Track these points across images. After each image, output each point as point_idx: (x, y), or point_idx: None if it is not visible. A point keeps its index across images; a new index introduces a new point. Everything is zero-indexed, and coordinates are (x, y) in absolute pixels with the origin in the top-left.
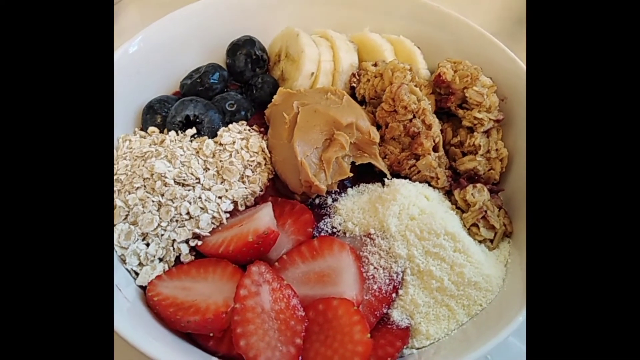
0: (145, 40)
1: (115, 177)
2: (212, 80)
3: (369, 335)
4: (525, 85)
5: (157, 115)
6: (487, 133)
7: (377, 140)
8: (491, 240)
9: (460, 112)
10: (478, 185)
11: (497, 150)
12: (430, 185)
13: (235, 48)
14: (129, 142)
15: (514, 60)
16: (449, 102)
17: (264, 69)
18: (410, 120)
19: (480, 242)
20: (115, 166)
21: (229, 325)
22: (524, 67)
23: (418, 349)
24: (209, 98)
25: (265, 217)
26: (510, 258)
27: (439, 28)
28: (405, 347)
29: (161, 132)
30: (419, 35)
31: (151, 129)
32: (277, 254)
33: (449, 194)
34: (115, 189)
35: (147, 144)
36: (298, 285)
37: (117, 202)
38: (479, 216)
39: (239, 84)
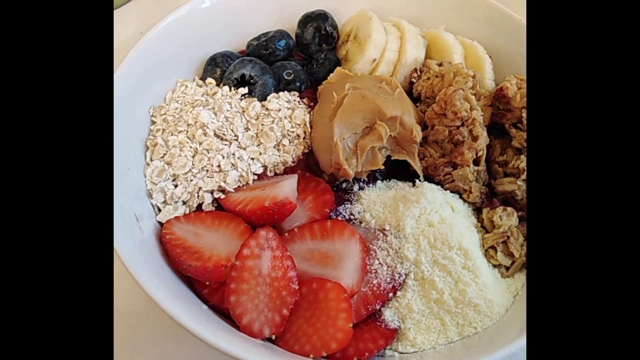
0: None
1: (163, 117)
2: (276, 46)
3: (351, 325)
4: None
5: (217, 68)
6: None
7: (419, 139)
8: (507, 268)
9: (513, 131)
10: (509, 209)
11: None
12: (461, 197)
13: (306, 20)
14: (185, 87)
15: None
16: (504, 119)
17: (332, 45)
18: (458, 127)
19: (495, 266)
20: (166, 106)
21: (225, 278)
22: None
23: (401, 353)
24: (270, 63)
25: (287, 187)
26: (522, 290)
27: (514, 40)
28: (387, 347)
29: (218, 85)
30: (494, 44)
31: (209, 80)
32: (290, 225)
33: (478, 211)
34: (160, 127)
35: (200, 93)
36: (300, 260)
37: (159, 140)
38: (499, 240)
39: (304, 56)
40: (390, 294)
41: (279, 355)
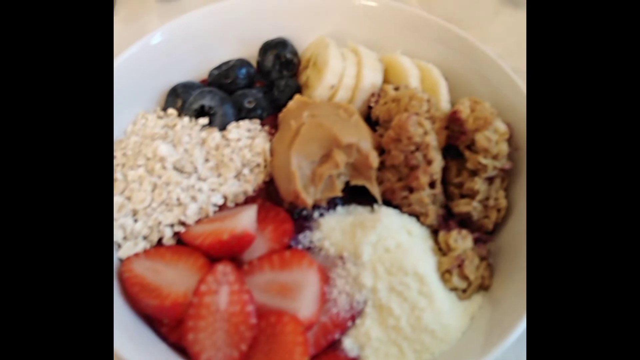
0: (180, 26)
1: (123, 152)
2: (237, 75)
3: (307, 358)
4: None
5: (178, 98)
6: (490, 180)
7: (375, 165)
8: (463, 291)
9: (467, 153)
10: (463, 231)
11: (496, 199)
12: (418, 220)
13: (266, 47)
14: (146, 120)
15: None
16: (458, 141)
17: (293, 72)
18: (413, 152)
19: (452, 289)
20: (126, 140)
21: (183, 316)
22: None
23: None
24: (231, 91)
25: (245, 219)
26: (479, 312)
27: (470, 65)
28: None
29: (179, 115)
30: (450, 67)
31: (170, 111)
32: (251, 256)
33: (437, 233)
34: (120, 162)
35: (160, 125)
36: (260, 292)
37: (119, 174)
38: (454, 263)
39: (266, 82)
40: (350, 323)
41: None
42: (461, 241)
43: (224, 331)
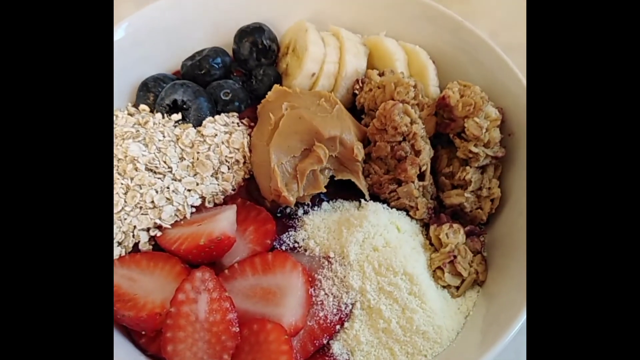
0: (150, 15)
1: None
2: (212, 65)
3: None
4: None
5: (150, 93)
6: (482, 169)
7: (361, 158)
8: (457, 287)
9: (457, 141)
10: (455, 225)
11: (489, 189)
12: (408, 214)
13: (242, 34)
14: (116, 117)
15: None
16: (448, 129)
17: (272, 59)
18: (399, 142)
19: (444, 287)
20: None
21: (161, 327)
22: None
23: None
24: (206, 83)
25: (223, 221)
26: (473, 310)
27: (458, 45)
28: None
29: (151, 111)
30: (438, 48)
31: (142, 107)
32: (231, 260)
33: (427, 226)
34: None
35: (131, 123)
36: (242, 298)
37: None
38: (446, 260)
39: (244, 71)
40: (338, 326)
41: None
42: (452, 236)
43: (205, 341)
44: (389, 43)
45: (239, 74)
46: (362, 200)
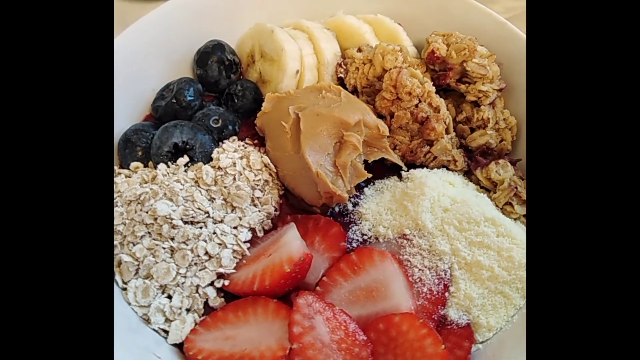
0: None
1: (114, 228)
2: (189, 98)
3: (443, 346)
4: (521, 48)
5: (136, 147)
6: (491, 104)
7: (387, 132)
8: (524, 215)
9: (463, 87)
10: (501, 161)
11: (505, 120)
12: (448, 169)
13: (204, 56)
14: (115, 185)
15: (504, 24)
16: (447, 79)
17: (238, 74)
18: (416, 105)
19: (515, 219)
20: None
21: None
22: (516, 30)
23: (482, 342)
24: (188, 117)
25: (294, 241)
26: None
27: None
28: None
29: (145, 166)
30: (398, 11)
31: (134, 164)
32: (315, 277)
33: (467, 174)
34: (115, 242)
35: (136, 184)
36: (347, 306)
37: (123, 257)
38: (511, 194)
39: (214, 95)
40: (446, 294)
41: None
42: (502, 171)
43: None
44: (351, 20)
45: (210, 100)
46: (403, 173)
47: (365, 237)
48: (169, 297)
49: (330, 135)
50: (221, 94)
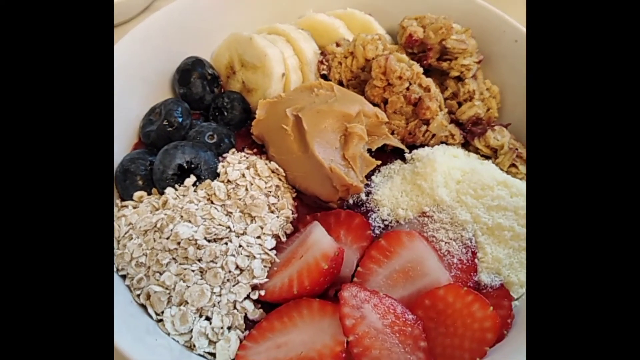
0: None
1: (133, 263)
2: (179, 118)
3: (491, 308)
4: (489, 18)
5: (136, 177)
6: (474, 77)
7: (386, 119)
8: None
9: (445, 64)
10: (496, 127)
11: (488, 89)
12: (447, 144)
13: (186, 74)
14: (124, 218)
15: None
16: (428, 59)
17: (220, 87)
18: (408, 88)
19: (521, 179)
20: (122, 250)
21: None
22: (481, 2)
23: (518, 299)
24: (182, 138)
25: (324, 237)
26: None
27: None
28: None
29: (149, 194)
30: (364, 2)
31: (137, 194)
32: (350, 269)
33: (463, 146)
34: (140, 275)
35: (147, 212)
36: (387, 291)
37: (152, 288)
38: (513, 156)
39: (200, 112)
40: (475, 261)
41: None
42: (500, 137)
43: (397, 343)
44: (322, 17)
45: (196, 117)
46: (406, 155)
47: (386, 222)
48: (208, 318)
49: (334, 129)
50: (206, 110)
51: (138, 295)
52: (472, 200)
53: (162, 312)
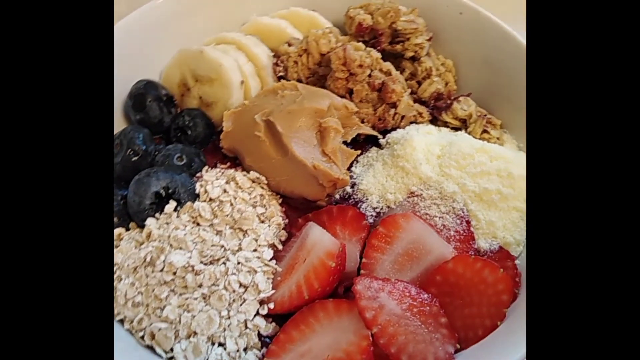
0: None
1: (130, 303)
2: (143, 146)
3: (501, 270)
4: None
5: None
6: (427, 54)
7: (355, 109)
8: (497, 138)
9: (399, 47)
10: (461, 98)
11: (442, 64)
12: (417, 124)
13: (140, 98)
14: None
15: None
16: (381, 44)
17: (176, 107)
18: (369, 75)
19: (494, 142)
20: (121, 290)
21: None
22: None
23: (518, 257)
24: (149, 165)
25: (323, 236)
26: (520, 144)
27: None
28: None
29: (127, 229)
30: (305, 0)
31: (116, 232)
32: (354, 262)
33: (431, 122)
34: (139, 315)
35: (132, 249)
36: (396, 276)
37: (156, 326)
38: (483, 122)
39: (159, 136)
40: (471, 229)
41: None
42: (466, 106)
43: (419, 325)
44: (267, 20)
45: (158, 142)
46: (380, 140)
47: (378, 210)
48: (221, 344)
49: (309, 127)
50: (166, 133)
51: (142, 337)
52: (456, 172)
53: (172, 349)
